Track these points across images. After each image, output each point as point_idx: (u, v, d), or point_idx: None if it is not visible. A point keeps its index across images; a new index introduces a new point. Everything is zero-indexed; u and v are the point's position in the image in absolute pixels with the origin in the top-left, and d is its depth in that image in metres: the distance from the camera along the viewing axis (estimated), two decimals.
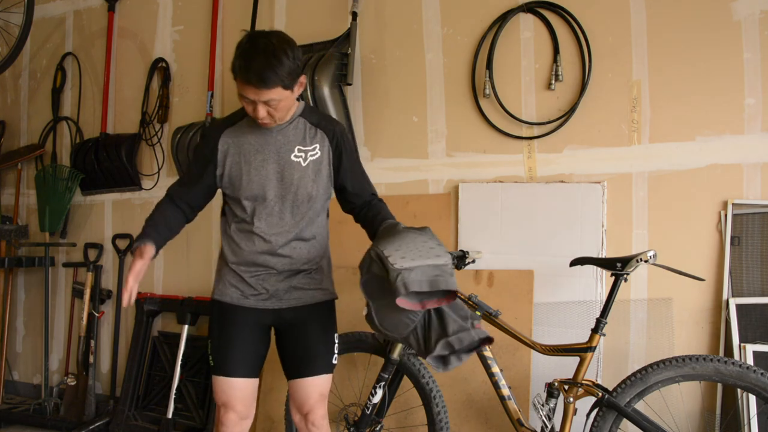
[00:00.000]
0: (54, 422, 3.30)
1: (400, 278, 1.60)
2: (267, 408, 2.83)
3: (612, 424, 1.99)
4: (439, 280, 1.63)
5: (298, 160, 1.87)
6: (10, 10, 3.43)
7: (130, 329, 3.40)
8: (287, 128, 1.88)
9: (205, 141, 1.93)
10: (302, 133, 1.89)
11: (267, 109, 1.75)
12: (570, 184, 2.51)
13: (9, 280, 3.75)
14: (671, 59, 2.39)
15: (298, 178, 1.86)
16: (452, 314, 1.77)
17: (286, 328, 1.95)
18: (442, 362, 1.78)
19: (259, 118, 1.76)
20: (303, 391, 1.92)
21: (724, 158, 2.31)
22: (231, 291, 1.92)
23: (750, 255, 2.28)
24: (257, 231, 1.87)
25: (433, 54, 2.80)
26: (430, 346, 1.73)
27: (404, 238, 1.72)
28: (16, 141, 3.95)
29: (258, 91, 1.70)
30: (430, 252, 1.67)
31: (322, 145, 1.90)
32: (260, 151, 1.86)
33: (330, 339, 1.98)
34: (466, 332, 1.73)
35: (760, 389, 1.85)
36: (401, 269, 1.60)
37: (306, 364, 1.92)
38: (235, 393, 1.88)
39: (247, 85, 1.70)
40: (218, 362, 1.90)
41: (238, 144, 1.88)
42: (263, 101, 1.72)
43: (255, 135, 1.87)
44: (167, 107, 3.41)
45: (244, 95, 1.73)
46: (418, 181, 2.81)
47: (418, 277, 1.61)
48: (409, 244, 1.68)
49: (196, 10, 3.37)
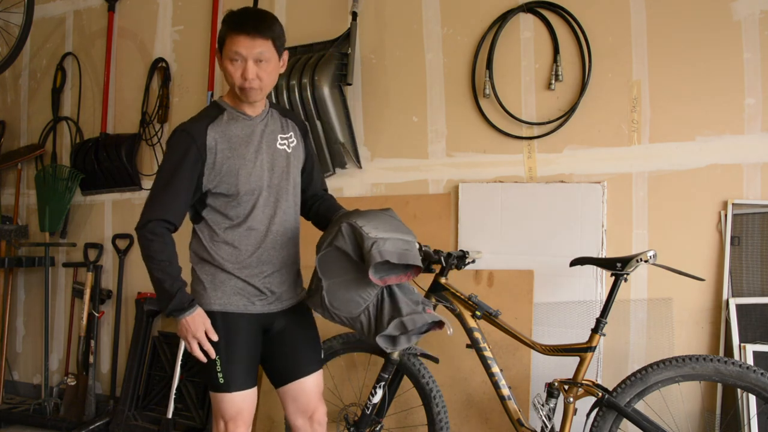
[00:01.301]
0: (54, 422, 3.30)
1: (375, 246, 1.62)
2: (267, 408, 2.83)
3: (612, 424, 1.99)
4: (408, 254, 1.68)
5: (283, 147, 1.86)
6: (10, 10, 3.43)
7: (130, 329, 3.40)
8: (267, 117, 1.86)
9: (188, 140, 1.72)
10: (279, 123, 1.89)
11: (256, 71, 1.69)
12: (570, 184, 2.51)
13: (9, 280, 3.75)
14: (671, 59, 2.39)
15: (287, 165, 1.85)
16: (404, 297, 1.77)
17: (277, 330, 1.88)
18: (391, 342, 1.77)
19: (248, 79, 1.69)
20: (306, 392, 1.89)
21: (724, 158, 2.31)
22: (235, 299, 1.80)
23: (750, 255, 2.28)
24: (256, 226, 1.80)
25: (433, 54, 2.80)
26: (381, 325, 1.72)
27: (374, 213, 1.77)
28: (16, 141, 3.95)
29: (252, 41, 1.66)
30: (399, 227, 1.74)
31: (295, 133, 1.92)
32: (250, 142, 1.79)
33: (316, 333, 1.98)
34: (419, 314, 1.73)
35: (760, 389, 1.85)
36: (376, 238, 1.64)
37: (303, 364, 1.90)
38: (246, 405, 1.80)
39: (240, 34, 1.67)
40: (229, 379, 1.77)
41: (226, 138, 1.76)
42: (254, 56, 1.68)
43: (240, 127, 1.79)
44: (167, 107, 3.41)
45: (236, 50, 1.67)
46: (418, 181, 2.81)
47: (390, 248, 1.64)
48: (379, 218, 1.74)
49: (196, 10, 3.37)
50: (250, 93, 1.73)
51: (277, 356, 1.91)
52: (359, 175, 2.89)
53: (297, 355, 1.91)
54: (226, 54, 1.71)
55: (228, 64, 1.72)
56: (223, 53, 1.73)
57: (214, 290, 1.80)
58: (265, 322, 1.86)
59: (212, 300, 1.80)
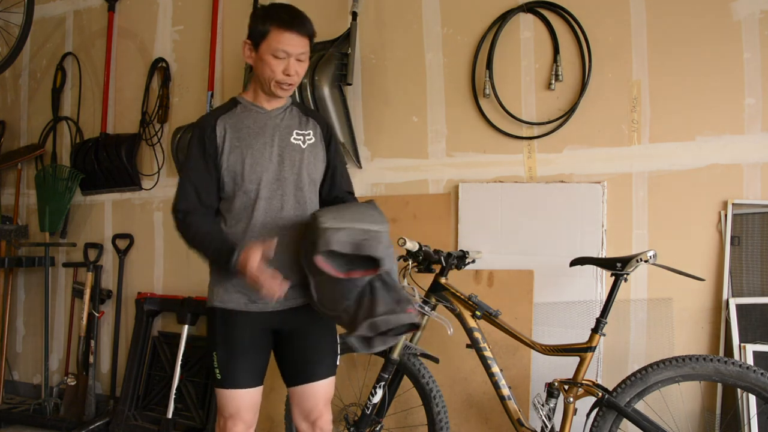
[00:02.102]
0: (54, 422, 3.30)
1: (323, 237, 1.60)
2: (267, 408, 2.83)
3: (612, 424, 1.99)
4: (364, 244, 1.61)
5: (298, 142, 1.85)
6: (10, 10, 3.43)
7: (130, 329, 3.40)
8: (284, 113, 1.87)
9: (197, 131, 1.80)
10: (297, 119, 1.89)
11: (296, 68, 1.76)
12: (570, 184, 2.51)
13: (9, 280, 3.75)
14: (671, 59, 2.39)
15: (299, 160, 1.83)
16: (385, 296, 1.66)
17: (289, 331, 1.86)
18: (366, 343, 1.69)
19: (290, 75, 1.75)
20: (311, 397, 1.85)
21: (724, 158, 2.31)
22: (236, 297, 1.79)
23: (750, 255, 2.28)
24: (259, 221, 1.77)
25: (433, 54, 2.80)
26: (355, 324, 1.64)
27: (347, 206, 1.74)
28: (16, 141, 3.96)
29: (300, 39, 1.74)
30: (368, 218, 1.67)
31: (315, 132, 1.90)
32: (260, 134, 1.80)
33: (333, 339, 1.92)
34: (394, 315, 1.63)
35: (760, 389, 1.85)
36: (327, 228, 1.61)
37: (312, 368, 1.85)
38: (244, 404, 1.79)
39: (289, 31, 1.72)
40: (226, 375, 1.78)
41: (235, 128, 1.79)
42: (298, 55, 1.75)
43: (252, 119, 1.81)
44: (167, 107, 3.41)
45: (283, 48, 1.72)
46: (418, 181, 2.81)
47: (343, 238, 1.60)
48: (348, 209, 1.71)
49: (196, 10, 3.37)
50: (286, 88, 1.79)
51: (287, 356, 1.88)
52: (359, 175, 2.89)
53: (306, 357, 1.86)
54: (269, 49, 1.74)
55: (270, 58, 1.74)
56: (263, 47, 1.75)
57: (217, 287, 1.81)
58: (271, 321, 1.82)
59: (214, 296, 1.81)
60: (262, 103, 1.84)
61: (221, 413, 1.81)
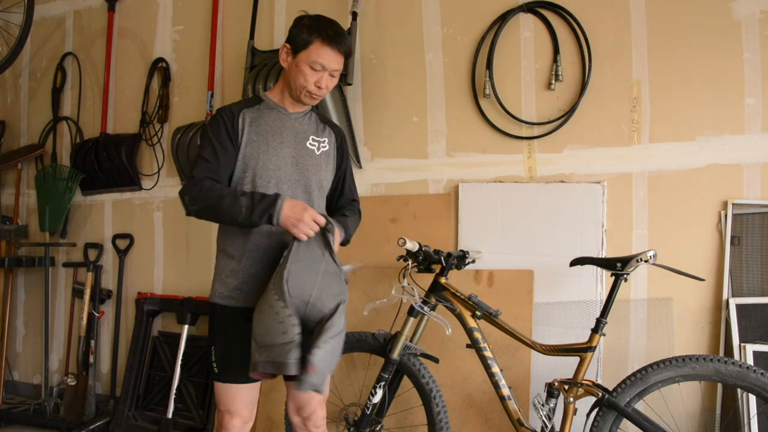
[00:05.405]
0: (54, 422, 3.30)
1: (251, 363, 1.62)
2: (267, 408, 2.83)
3: (612, 424, 1.99)
4: (284, 365, 1.57)
5: (313, 148, 1.90)
6: (10, 10, 3.44)
7: (130, 329, 3.40)
8: (303, 117, 1.92)
9: (224, 116, 1.82)
10: (315, 125, 1.95)
11: (327, 82, 1.81)
12: (570, 184, 2.51)
13: (9, 280, 3.75)
14: (671, 59, 2.39)
15: (312, 165, 1.88)
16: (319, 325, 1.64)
17: None
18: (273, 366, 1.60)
19: (321, 87, 1.81)
20: (304, 394, 1.88)
21: (724, 158, 2.31)
22: (236, 294, 1.82)
23: (750, 255, 2.28)
24: None
25: (433, 54, 2.80)
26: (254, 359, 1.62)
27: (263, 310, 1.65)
28: (16, 141, 3.96)
29: (339, 56, 1.79)
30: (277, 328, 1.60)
31: (330, 140, 1.96)
32: (278, 133, 1.85)
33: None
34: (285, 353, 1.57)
35: (760, 389, 1.85)
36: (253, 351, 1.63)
37: None
38: (241, 398, 1.83)
39: (332, 47, 1.76)
40: (224, 369, 1.82)
41: (256, 123, 1.84)
42: (332, 70, 1.79)
43: (273, 118, 1.86)
44: (167, 107, 3.42)
45: (322, 62, 1.77)
46: (418, 181, 2.81)
47: (263, 358, 1.59)
48: (264, 321, 1.63)
49: (196, 10, 3.37)
50: (313, 99, 1.85)
51: None
52: (359, 175, 2.89)
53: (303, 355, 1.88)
54: (308, 59, 1.78)
55: (307, 68, 1.79)
56: (302, 55, 1.79)
57: (219, 283, 1.85)
58: None
59: (216, 292, 1.85)
60: (286, 105, 1.90)
61: (219, 407, 1.86)
